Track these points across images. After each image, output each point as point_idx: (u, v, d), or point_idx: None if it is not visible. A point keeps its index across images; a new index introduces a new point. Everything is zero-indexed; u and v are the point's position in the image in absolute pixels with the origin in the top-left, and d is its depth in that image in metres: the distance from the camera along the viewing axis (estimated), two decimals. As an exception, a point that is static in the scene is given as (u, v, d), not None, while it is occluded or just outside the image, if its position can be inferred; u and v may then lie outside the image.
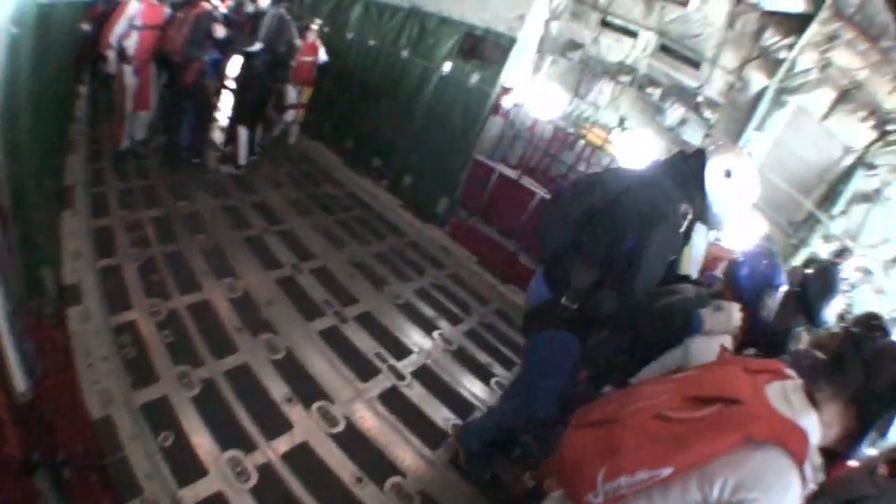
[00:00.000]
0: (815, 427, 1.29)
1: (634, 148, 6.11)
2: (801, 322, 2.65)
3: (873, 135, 6.16)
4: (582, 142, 6.73)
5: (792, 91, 6.11)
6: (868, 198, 6.59)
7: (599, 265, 2.34)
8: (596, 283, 2.36)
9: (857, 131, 6.19)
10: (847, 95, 5.99)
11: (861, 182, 6.40)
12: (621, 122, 6.97)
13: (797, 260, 6.54)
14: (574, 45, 7.18)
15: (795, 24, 5.82)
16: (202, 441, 2.85)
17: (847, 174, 6.42)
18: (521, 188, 6.09)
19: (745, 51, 6.18)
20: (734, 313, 2.08)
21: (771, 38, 5.96)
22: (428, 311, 4.90)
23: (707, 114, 6.36)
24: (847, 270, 6.46)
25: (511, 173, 6.33)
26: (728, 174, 2.24)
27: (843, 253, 6.56)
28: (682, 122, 6.55)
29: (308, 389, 3.45)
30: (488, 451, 3.24)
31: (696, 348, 2.00)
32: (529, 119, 6.85)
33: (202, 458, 2.76)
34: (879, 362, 1.33)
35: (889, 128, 6.01)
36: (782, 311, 2.43)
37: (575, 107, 7.25)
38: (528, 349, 2.72)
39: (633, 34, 6.73)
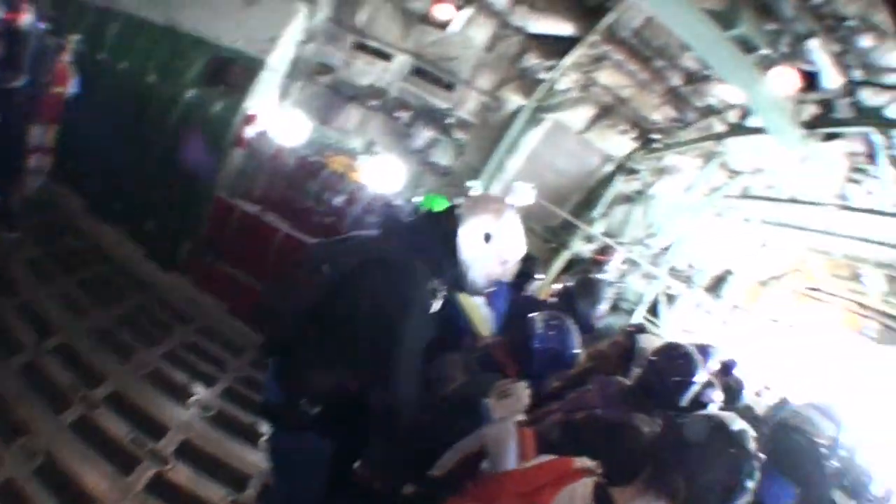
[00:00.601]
0: None
1: (380, 173, 5.98)
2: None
3: (634, 144, 6.95)
4: (326, 170, 6.37)
5: (549, 109, 6.52)
6: (630, 199, 7.46)
7: (341, 364, 1.93)
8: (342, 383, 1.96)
9: (617, 142, 6.90)
10: (609, 111, 6.61)
11: (621, 186, 7.25)
12: (369, 146, 6.86)
13: (559, 262, 7.13)
14: (325, 69, 6.85)
15: (560, 47, 6.12)
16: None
17: (606, 180, 7.20)
18: (265, 225, 5.76)
19: (502, 73, 6.38)
20: (522, 395, 1.96)
21: (531, 60, 6.24)
22: (180, 377, 4.55)
23: (458, 135, 6.55)
24: (614, 264, 7.21)
25: (253, 209, 5.90)
26: (487, 238, 1.93)
27: (605, 251, 7.32)
28: (432, 144, 6.66)
29: (74, 499, 3.05)
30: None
31: (491, 437, 1.87)
32: (273, 148, 6.30)
33: None
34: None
35: (652, 136, 6.85)
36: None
37: (321, 133, 6.88)
38: (268, 450, 2.26)
39: (387, 57, 6.60)
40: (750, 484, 1.36)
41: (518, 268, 2.11)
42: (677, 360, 2.60)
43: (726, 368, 8.95)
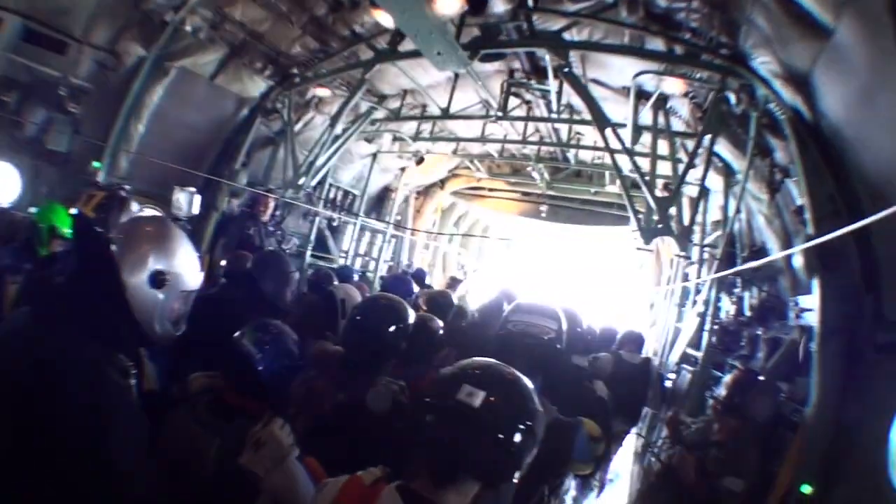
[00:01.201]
0: None
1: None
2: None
3: (271, 83, 6.42)
4: None
5: (175, 56, 5.53)
6: (272, 140, 7.12)
7: None
8: None
9: (253, 82, 6.28)
10: (243, 49, 5.92)
11: (262, 128, 6.81)
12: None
13: (210, 226, 6.37)
14: None
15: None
16: None
17: (245, 125, 6.65)
18: None
19: (121, 19, 5.09)
20: (279, 435, 1.75)
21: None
22: None
23: (73, 108, 4.95)
24: (268, 212, 6.84)
25: None
26: (160, 283, 1.59)
27: (256, 201, 6.75)
28: (46, 127, 4.94)
29: None
30: None
31: (277, 490, 1.71)
32: None
33: None
34: None
35: (292, 71, 6.41)
36: None
37: None
38: None
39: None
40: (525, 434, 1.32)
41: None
42: (386, 311, 2.51)
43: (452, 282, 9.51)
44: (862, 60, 2.68)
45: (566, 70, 4.96)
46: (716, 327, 5.23)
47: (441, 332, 3.33)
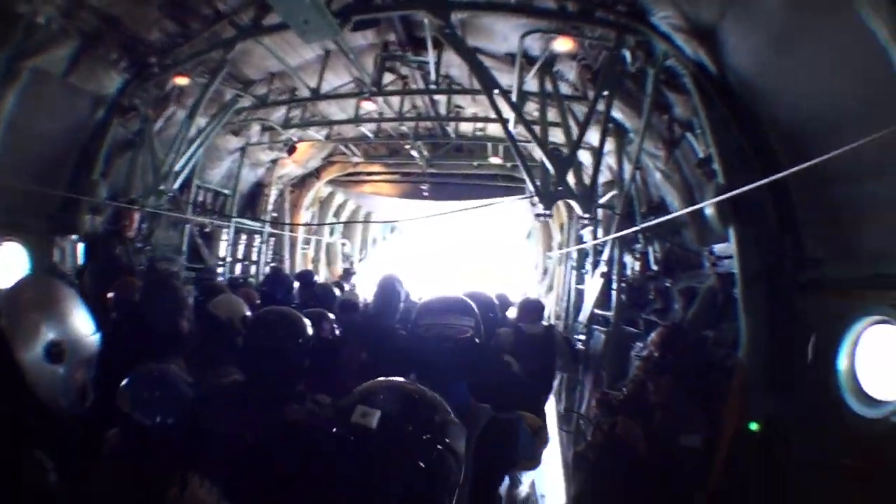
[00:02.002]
0: None
1: None
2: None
3: (127, 76, 5.55)
4: None
5: (27, 55, 4.50)
6: (131, 143, 5.98)
7: None
8: None
9: (109, 78, 5.41)
10: (97, 40, 5.04)
11: (119, 130, 5.85)
12: None
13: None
14: None
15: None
16: None
17: (102, 128, 5.68)
18: None
19: None
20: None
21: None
22: None
23: None
24: (134, 227, 6.12)
25: None
26: (56, 356, 1.43)
27: (120, 216, 5.83)
28: None
29: None
30: None
31: None
32: None
33: None
34: None
35: (149, 61, 5.57)
36: None
37: None
38: None
39: None
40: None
41: None
42: (278, 324, 2.23)
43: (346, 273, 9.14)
44: (776, 13, 2.70)
45: (447, 31, 4.62)
46: (623, 285, 5.39)
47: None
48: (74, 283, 4.89)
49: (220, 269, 8.03)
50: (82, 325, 1.49)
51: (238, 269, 8.91)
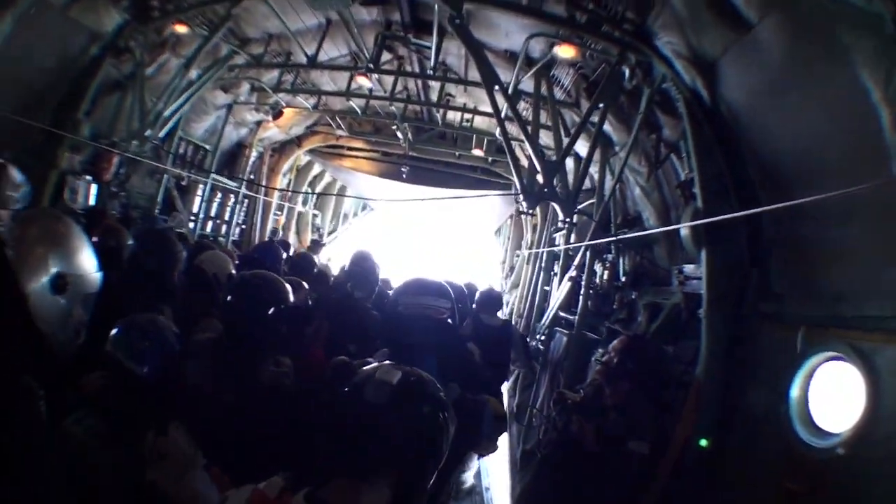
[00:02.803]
0: None
1: None
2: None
3: (127, 16, 5.38)
4: None
5: None
6: (121, 85, 5.79)
7: None
8: None
9: (108, 15, 5.27)
10: None
11: (111, 70, 5.78)
12: None
13: (49, 188, 5.16)
14: None
15: None
16: None
17: (93, 66, 5.56)
18: None
19: None
20: (180, 445, 1.72)
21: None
22: None
23: None
24: (110, 170, 5.98)
25: None
26: (61, 286, 1.40)
27: (100, 157, 5.64)
28: None
29: None
30: None
31: None
32: None
33: None
34: None
35: (150, 3, 5.38)
36: None
37: None
38: None
39: None
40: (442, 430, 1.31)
41: None
42: (263, 289, 2.28)
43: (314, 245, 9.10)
44: (776, 58, 2.83)
45: (457, 21, 4.61)
46: (591, 292, 5.54)
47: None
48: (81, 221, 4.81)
49: (191, 225, 7.85)
50: (87, 261, 1.49)
51: (209, 226, 8.72)
